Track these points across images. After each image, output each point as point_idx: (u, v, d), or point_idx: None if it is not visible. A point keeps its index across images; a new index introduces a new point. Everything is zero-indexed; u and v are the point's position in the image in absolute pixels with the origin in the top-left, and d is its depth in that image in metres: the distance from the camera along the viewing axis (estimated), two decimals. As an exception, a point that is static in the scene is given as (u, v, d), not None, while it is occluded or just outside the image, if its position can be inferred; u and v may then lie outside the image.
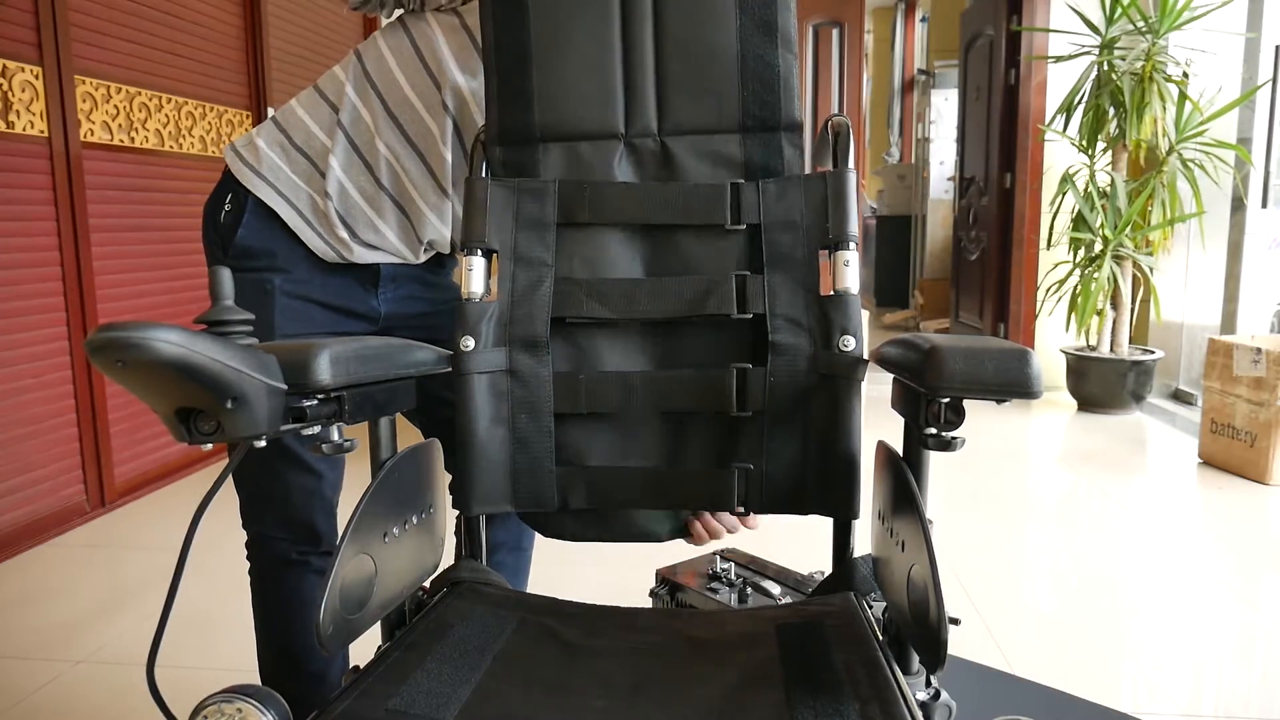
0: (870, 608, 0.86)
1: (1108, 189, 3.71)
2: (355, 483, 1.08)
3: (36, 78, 2.41)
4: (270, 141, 1.15)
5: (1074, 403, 3.91)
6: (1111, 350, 3.81)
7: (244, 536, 1.21)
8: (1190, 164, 3.55)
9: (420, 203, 1.15)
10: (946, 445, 0.73)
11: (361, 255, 1.16)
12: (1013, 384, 0.66)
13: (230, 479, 1.15)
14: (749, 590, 1.37)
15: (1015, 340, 3.97)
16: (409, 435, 0.95)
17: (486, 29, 0.99)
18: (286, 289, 1.13)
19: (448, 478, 0.99)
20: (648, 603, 1.48)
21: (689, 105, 0.99)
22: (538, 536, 1.12)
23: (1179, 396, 4.01)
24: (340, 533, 0.75)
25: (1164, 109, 3.55)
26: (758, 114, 0.98)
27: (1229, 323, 3.75)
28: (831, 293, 0.97)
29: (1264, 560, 2.20)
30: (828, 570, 0.96)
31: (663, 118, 1.00)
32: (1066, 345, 3.97)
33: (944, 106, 6.69)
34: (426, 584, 0.93)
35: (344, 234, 1.14)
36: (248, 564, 1.22)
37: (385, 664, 0.75)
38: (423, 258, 1.21)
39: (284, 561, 1.19)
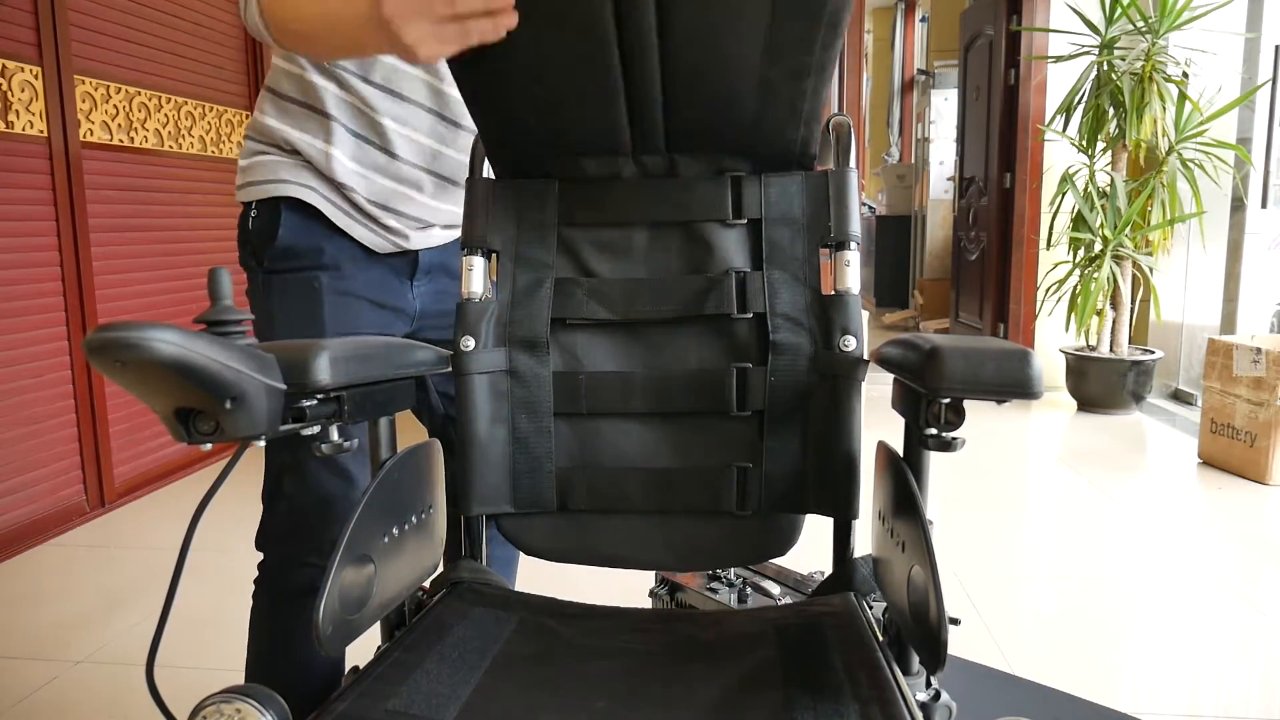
0: (870, 608, 0.86)
1: (1107, 189, 3.71)
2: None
3: (36, 78, 2.41)
4: (272, 155, 1.08)
5: (1074, 403, 3.91)
6: (1111, 350, 3.81)
7: (245, 537, 1.16)
8: (1190, 164, 3.55)
9: (450, 152, 1.11)
10: (947, 446, 0.73)
11: (418, 240, 1.13)
12: (1013, 384, 0.66)
13: (263, 498, 1.09)
14: (749, 590, 1.37)
15: (1015, 340, 3.97)
16: (417, 434, 0.95)
17: (459, 78, 0.95)
18: (334, 286, 1.08)
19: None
20: (648, 603, 1.48)
21: (699, 140, 0.96)
22: None
23: (1179, 396, 4.01)
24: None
25: (1164, 109, 3.55)
26: (768, 153, 0.96)
27: (1229, 323, 3.75)
28: (832, 292, 0.97)
29: (1264, 560, 2.20)
30: (828, 570, 0.96)
31: (671, 148, 0.96)
32: (1066, 345, 3.97)
33: (944, 106, 6.69)
34: (426, 584, 0.93)
35: (393, 221, 1.10)
36: (256, 588, 1.12)
37: (385, 664, 0.75)
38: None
39: (309, 589, 1.06)
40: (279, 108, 1.08)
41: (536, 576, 1.36)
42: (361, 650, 0.80)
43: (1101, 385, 3.76)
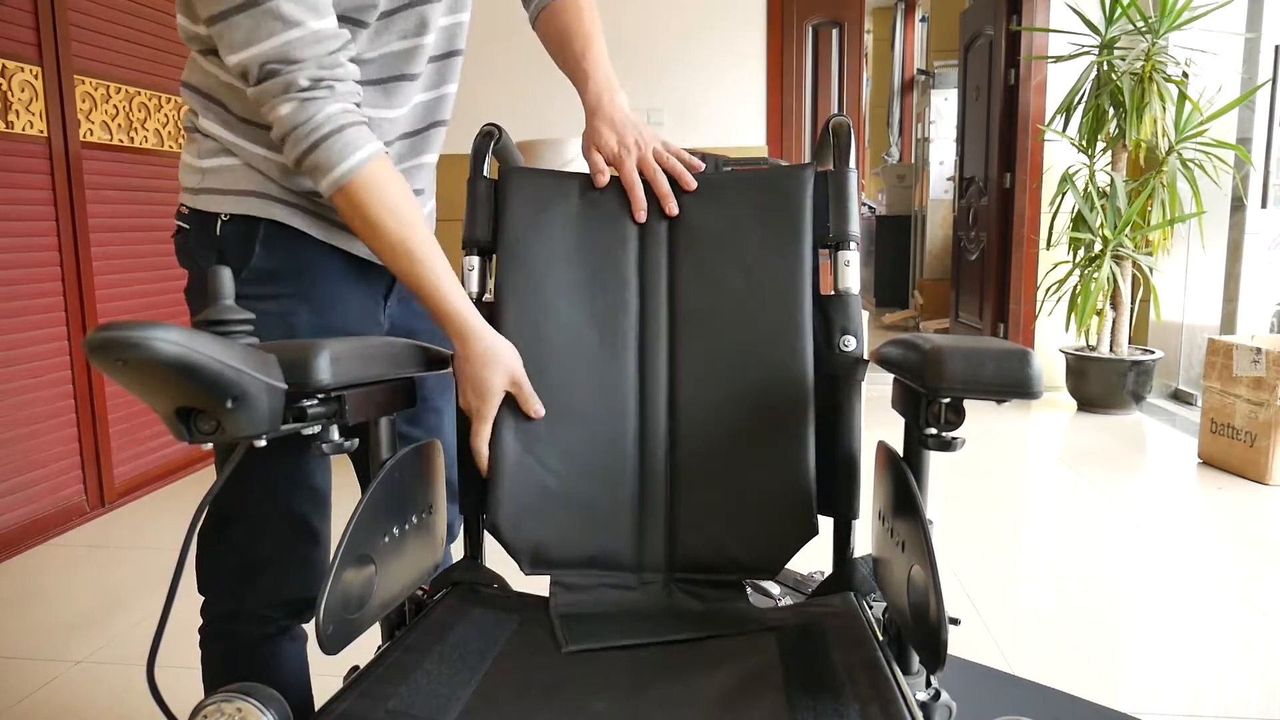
0: (870, 608, 0.86)
1: (1107, 189, 3.71)
2: (351, 483, 1.07)
3: (36, 78, 2.41)
4: (239, 159, 0.96)
5: (1074, 403, 3.91)
6: (1111, 350, 3.81)
7: None
8: (1190, 164, 3.55)
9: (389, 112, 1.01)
10: (947, 445, 0.73)
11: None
12: (1013, 384, 0.66)
13: (195, 550, 0.96)
14: (749, 590, 1.37)
15: (1015, 340, 3.97)
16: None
17: None
18: (313, 323, 0.97)
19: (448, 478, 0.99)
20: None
21: None
22: None
23: (1179, 396, 4.01)
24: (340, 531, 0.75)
25: (1164, 109, 3.55)
26: None
27: (1229, 323, 3.75)
28: (832, 292, 0.97)
29: (1264, 560, 2.20)
30: (828, 570, 0.96)
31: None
32: (1066, 345, 3.97)
33: (944, 106, 6.68)
34: (426, 584, 0.93)
35: None
36: (205, 642, 1.01)
37: (385, 664, 0.75)
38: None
39: (265, 637, 0.99)
40: (229, 124, 0.95)
41: (536, 576, 1.36)
42: (362, 650, 0.80)
43: (1101, 385, 3.75)
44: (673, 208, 1.00)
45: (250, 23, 0.81)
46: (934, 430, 0.74)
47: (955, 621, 0.70)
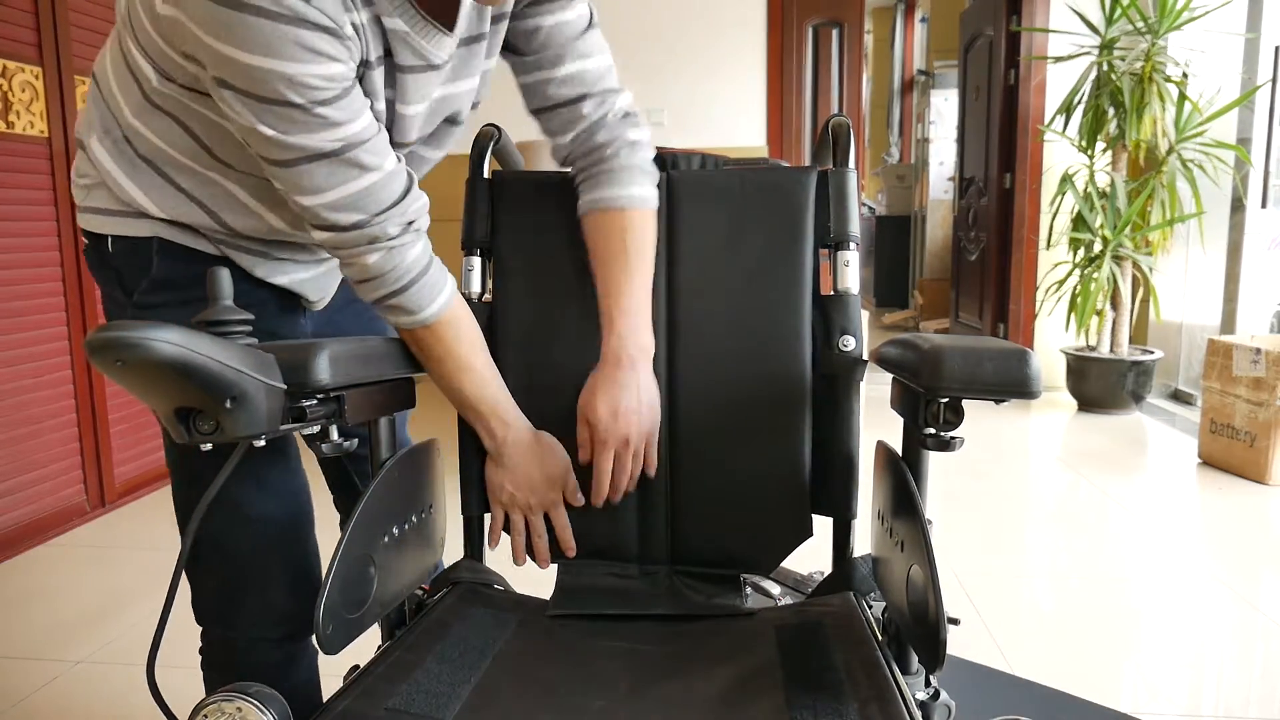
0: (870, 608, 0.86)
1: (1107, 189, 3.71)
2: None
3: (36, 78, 2.41)
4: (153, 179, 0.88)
5: (1074, 403, 3.91)
6: (1111, 350, 3.81)
7: None
8: (1190, 164, 3.55)
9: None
10: (945, 445, 0.73)
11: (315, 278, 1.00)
12: (1011, 384, 0.66)
13: (185, 574, 0.89)
14: (749, 590, 1.37)
15: (1015, 340, 3.97)
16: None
17: None
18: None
19: (450, 478, 0.99)
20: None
21: None
22: None
23: (1178, 396, 4.01)
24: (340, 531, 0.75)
25: (1163, 109, 3.55)
26: None
27: (1228, 323, 3.75)
28: (832, 292, 0.97)
29: (1264, 560, 2.20)
30: (828, 570, 0.96)
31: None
32: (1066, 345, 3.97)
33: (944, 106, 6.69)
34: (426, 584, 0.93)
35: (285, 254, 0.95)
36: (204, 667, 0.97)
37: (385, 663, 0.75)
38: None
39: (266, 664, 0.93)
40: (121, 159, 0.88)
41: (537, 576, 1.36)
42: (362, 650, 0.80)
43: (1101, 385, 3.76)
44: (617, 498, 0.96)
45: (327, 169, 0.77)
46: (933, 430, 0.74)
47: (955, 621, 0.70)
